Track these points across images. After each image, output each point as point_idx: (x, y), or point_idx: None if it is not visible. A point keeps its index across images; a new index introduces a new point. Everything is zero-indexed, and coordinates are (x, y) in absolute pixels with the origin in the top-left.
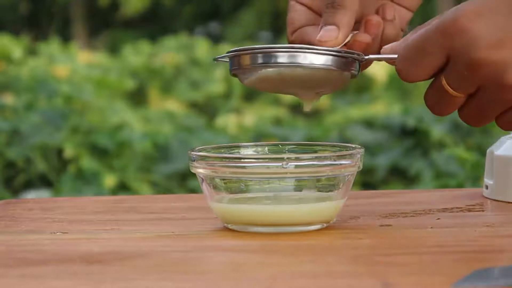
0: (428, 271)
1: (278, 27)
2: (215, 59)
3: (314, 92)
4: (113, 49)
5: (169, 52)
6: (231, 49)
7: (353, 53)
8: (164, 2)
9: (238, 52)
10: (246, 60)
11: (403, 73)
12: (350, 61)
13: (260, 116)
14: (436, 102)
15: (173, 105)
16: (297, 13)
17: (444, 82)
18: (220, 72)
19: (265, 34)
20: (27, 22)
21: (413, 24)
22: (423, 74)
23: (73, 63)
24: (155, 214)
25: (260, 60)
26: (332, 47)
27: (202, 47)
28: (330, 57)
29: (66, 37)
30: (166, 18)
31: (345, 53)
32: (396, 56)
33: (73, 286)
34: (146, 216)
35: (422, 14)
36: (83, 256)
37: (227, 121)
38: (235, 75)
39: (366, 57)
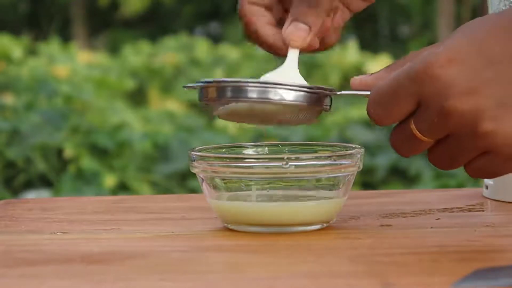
0: (428, 271)
1: None
2: (184, 87)
3: (284, 124)
4: (113, 49)
5: (169, 52)
6: (200, 80)
7: (325, 89)
8: (164, 2)
9: (207, 84)
10: (214, 93)
11: (373, 117)
12: (322, 97)
13: None
14: (402, 143)
15: (173, 105)
16: None
17: (412, 126)
18: (220, 72)
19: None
20: (27, 22)
21: (412, 23)
22: (393, 119)
23: (73, 63)
24: (155, 214)
25: (228, 94)
26: (297, 48)
27: (202, 47)
28: (302, 93)
29: (66, 37)
30: (166, 18)
31: (317, 89)
32: (369, 92)
33: (73, 286)
34: (146, 216)
35: (422, 14)
36: (83, 256)
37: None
38: (205, 105)
39: (338, 92)
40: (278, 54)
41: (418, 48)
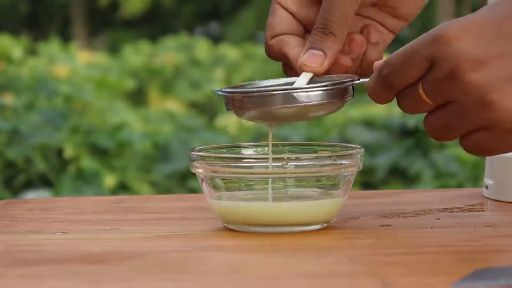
0: (428, 271)
1: None
2: (215, 92)
3: (311, 119)
4: (113, 49)
5: (169, 52)
6: (226, 88)
7: (346, 81)
8: (164, 2)
9: (232, 94)
10: (240, 102)
11: (382, 77)
12: (344, 89)
13: None
14: (405, 99)
15: (173, 105)
16: (279, 18)
17: (419, 85)
18: (220, 72)
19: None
20: (27, 22)
21: (412, 23)
22: (402, 81)
23: (73, 63)
24: (155, 214)
25: (254, 102)
26: (314, 73)
27: (202, 47)
28: (324, 92)
29: (66, 37)
30: (166, 18)
31: (339, 83)
32: None
33: (73, 286)
34: (146, 216)
35: (422, 14)
36: (83, 256)
37: (227, 121)
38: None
39: (357, 81)
40: None
41: None
